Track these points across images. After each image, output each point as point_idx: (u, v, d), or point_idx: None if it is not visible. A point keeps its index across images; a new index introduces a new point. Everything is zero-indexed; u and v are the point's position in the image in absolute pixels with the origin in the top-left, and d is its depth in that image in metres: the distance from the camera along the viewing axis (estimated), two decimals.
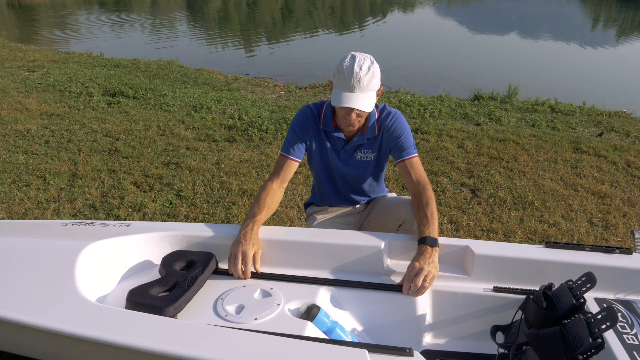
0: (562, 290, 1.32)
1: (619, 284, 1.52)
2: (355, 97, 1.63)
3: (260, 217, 1.68)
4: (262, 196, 1.77)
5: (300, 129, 1.88)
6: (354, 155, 1.90)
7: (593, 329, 1.12)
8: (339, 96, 1.64)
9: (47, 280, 1.39)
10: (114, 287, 1.54)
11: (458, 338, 1.56)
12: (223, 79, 7.77)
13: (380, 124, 1.85)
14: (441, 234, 3.02)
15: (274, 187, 1.83)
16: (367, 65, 1.64)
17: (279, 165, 1.88)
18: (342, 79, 1.64)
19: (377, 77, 1.67)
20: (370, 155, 1.90)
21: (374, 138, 1.87)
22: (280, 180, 1.86)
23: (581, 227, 3.14)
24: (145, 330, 1.18)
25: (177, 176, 3.71)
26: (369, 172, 1.96)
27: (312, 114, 1.88)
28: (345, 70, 1.63)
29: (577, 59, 11.49)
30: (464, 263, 1.66)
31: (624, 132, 5.26)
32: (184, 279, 1.45)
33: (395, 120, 1.84)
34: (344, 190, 2.03)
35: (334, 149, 1.90)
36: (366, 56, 1.67)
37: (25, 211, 3.15)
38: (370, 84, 1.64)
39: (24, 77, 6.84)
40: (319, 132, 1.88)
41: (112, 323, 1.21)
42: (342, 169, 1.94)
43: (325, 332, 1.39)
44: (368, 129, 1.84)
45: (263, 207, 1.72)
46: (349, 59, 1.65)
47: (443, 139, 4.72)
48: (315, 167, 2.00)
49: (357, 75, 1.61)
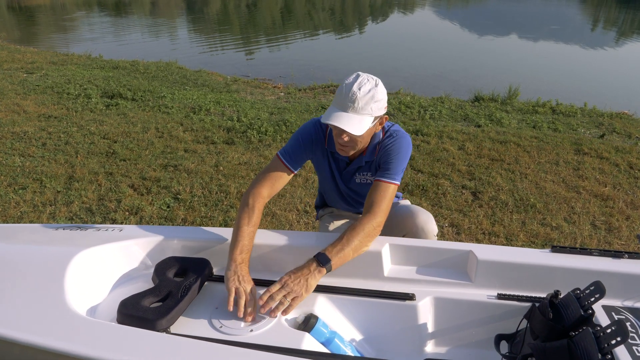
0: (569, 299, 1.28)
1: (628, 291, 1.46)
2: (346, 118, 1.51)
3: (249, 245, 1.54)
4: (253, 213, 1.60)
5: (309, 142, 1.76)
6: (354, 177, 1.84)
7: (602, 344, 1.07)
8: (330, 113, 1.55)
9: (34, 291, 1.33)
10: (105, 296, 1.49)
11: (461, 347, 1.51)
12: (222, 80, 7.74)
13: (381, 147, 1.71)
14: (442, 238, 2.99)
15: (263, 196, 1.68)
16: (368, 88, 1.53)
17: (274, 169, 1.74)
18: (339, 95, 1.55)
19: (377, 102, 1.54)
20: (369, 178, 1.82)
21: (372, 161, 1.77)
22: (270, 190, 1.72)
23: (584, 230, 3.09)
24: (136, 346, 1.13)
25: (175, 179, 3.67)
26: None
27: (320, 131, 1.77)
28: (344, 87, 1.54)
29: (577, 60, 11.46)
30: (467, 269, 1.61)
31: (625, 134, 5.22)
32: (177, 288, 1.41)
33: (394, 141, 1.69)
34: (350, 203, 2.00)
35: (337, 168, 1.84)
36: (371, 78, 1.57)
37: (20, 215, 3.11)
38: (367, 107, 1.52)
39: (22, 79, 6.81)
40: (324, 151, 1.80)
41: (101, 339, 1.16)
42: (343, 188, 1.90)
43: (324, 343, 1.34)
44: (368, 152, 1.75)
45: (252, 232, 1.56)
46: (352, 77, 1.56)
47: (443, 140, 4.67)
48: (321, 179, 1.95)
49: (354, 95, 1.50)
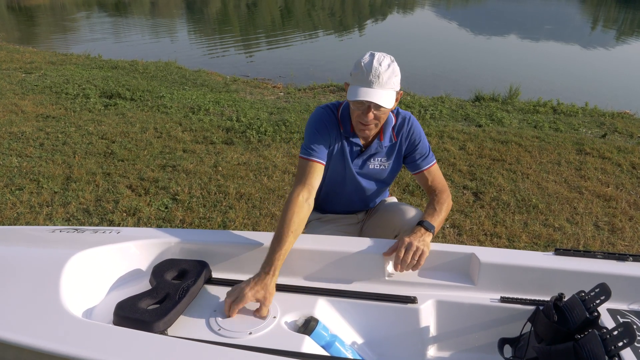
0: (574, 301, 1.25)
1: (634, 294, 1.44)
2: (374, 92, 1.54)
3: (283, 256, 1.44)
4: (287, 221, 1.49)
5: (325, 128, 1.71)
6: (368, 163, 1.81)
7: (609, 346, 1.05)
8: (356, 90, 1.55)
9: (30, 293, 1.31)
10: (101, 299, 1.46)
11: (463, 351, 1.49)
12: (221, 80, 7.71)
13: (397, 131, 1.77)
14: (443, 239, 2.97)
15: (299, 201, 1.55)
16: (387, 63, 1.57)
17: (303, 171, 1.65)
18: (360, 74, 1.55)
19: (397, 76, 1.59)
20: (385, 164, 1.82)
21: (391, 146, 1.78)
22: (307, 190, 1.60)
23: (587, 231, 3.07)
24: (133, 348, 1.11)
25: (173, 179, 3.64)
26: (381, 180, 1.88)
27: (333, 115, 1.74)
28: (364, 65, 1.55)
29: (577, 60, 11.45)
30: (469, 271, 1.59)
31: (627, 133, 5.19)
32: (175, 290, 1.38)
33: (412, 126, 1.77)
34: (352, 199, 1.93)
35: (351, 155, 1.79)
36: (386, 55, 1.60)
37: (17, 215, 3.08)
38: (390, 81, 1.56)
39: (21, 79, 6.78)
40: (339, 136, 1.76)
41: (97, 340, 1.14)
42: (355, 176, 1.83)
43: (324, 346, 1.31)
44: (385, 136, 1.75)
45: (287, 238, 1.45)
46: (368, 55, 1.59)
47: (444, 140, 4.65)
48: (326, 170, 1.84)
49: (377, 70, 1.53)
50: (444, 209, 1.70)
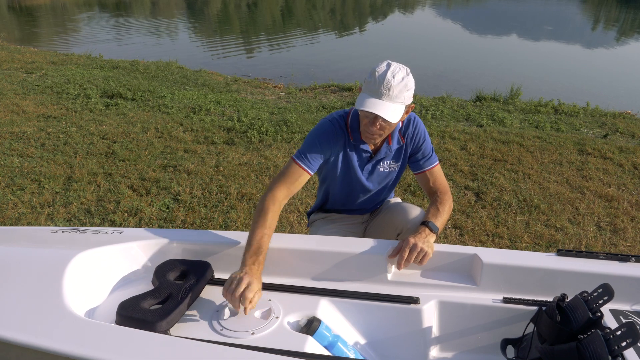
0: (576, 302, 1.25)
1: (636, 294, 1.44)
2: (381, 105, 1.52)
3: (262, 247, 1.48)
4: (267, 215, 1.54)
5: (327, 142, 1.71)
6: (378, 167, 1.81)
7: (612, 346, 1.05)
8: (363, 100, 1.55)
9: (32, 293, 1.31)
10: (104, 299, 1.46)
11: (466, 352, 1.48)
12: (222, 80, 7.71)
13: (404, 133, 1.78)
14: (445, 239, 2.97)
15: (279, 199, 1.61)
16: (402, 76, 1.55)
17: (290, 173, 1.67)
18: (372, 83, 1.55)
19: (409, 91, 1.57)
20: (394, 166, 1.83)
21: (399, 148, 1.79)
22: (287, 192, 1.66)
23: (589, 232, 3.07)
24: (135, 347, 1.11)
25: (174, 179, 3.64)
26: (389, 182, 1.89)
27: (340, 129, 1.74)
28: (378, 76, 1.54)
29: (578, 60, 11.44)
30: (472, 272, 1.59)
31: (629, 134, 5.19)
32: (177, 290, 1.38)
33: (417, 126, 1.78)
34: (360, 203, 1.94)
35: (359, 162, 1.80)
36: (402, 67, 1.59)
37: (18, 216, 3.08)
38: (400, 95, 1.54)
39: (22, 79, 6.78)
40: (347, 146, 1.76)
41: (100, 340, 1.14)
42: (363, 182, 1.84)
43: (327, 346, 1.31)
44: (393, 140, 1.77)
45: (266, 234, 1.50)
46: (384, 65, 1.57)
47: (445, 140, 4.65)
48: (334, 179, 1.86)
49: (389, 83, 1.52)
50: (446, 210, 1.71)
